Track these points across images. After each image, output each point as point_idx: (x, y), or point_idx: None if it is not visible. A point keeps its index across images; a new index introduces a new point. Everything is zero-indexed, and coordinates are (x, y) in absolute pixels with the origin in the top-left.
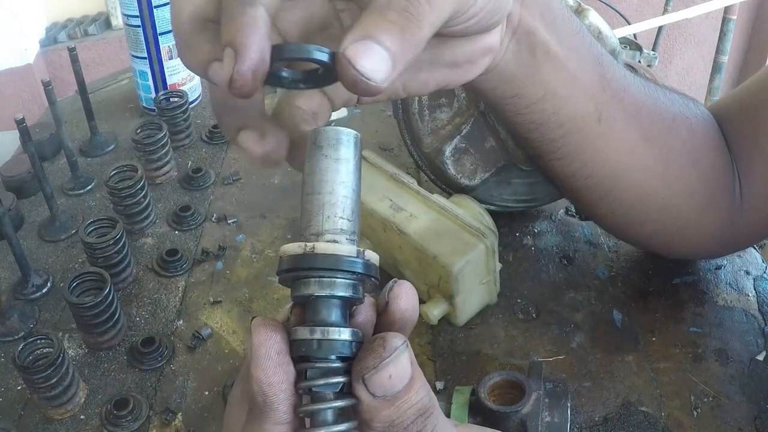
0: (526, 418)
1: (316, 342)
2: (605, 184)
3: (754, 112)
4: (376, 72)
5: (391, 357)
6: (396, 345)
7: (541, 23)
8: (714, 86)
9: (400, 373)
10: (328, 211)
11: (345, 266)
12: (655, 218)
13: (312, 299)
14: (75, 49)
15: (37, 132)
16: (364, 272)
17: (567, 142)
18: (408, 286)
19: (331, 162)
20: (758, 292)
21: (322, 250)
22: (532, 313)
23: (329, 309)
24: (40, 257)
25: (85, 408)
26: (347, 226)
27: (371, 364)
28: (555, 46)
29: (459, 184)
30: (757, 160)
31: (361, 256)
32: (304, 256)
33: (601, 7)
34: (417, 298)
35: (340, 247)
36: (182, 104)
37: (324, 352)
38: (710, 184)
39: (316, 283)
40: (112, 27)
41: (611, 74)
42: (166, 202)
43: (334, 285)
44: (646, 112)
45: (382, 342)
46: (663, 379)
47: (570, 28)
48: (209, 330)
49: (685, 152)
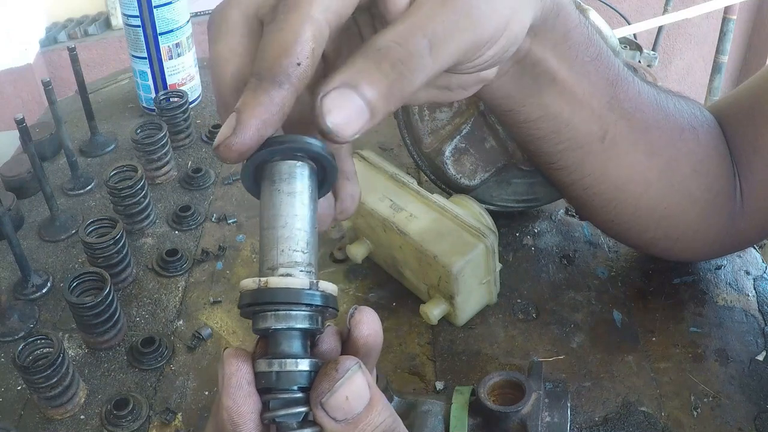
0: (526, 418)
1: (275, 374)
2: (605, 195)
3: (754, 113)
4: (347, 128)
5: (344, 378)
6: (348, 366)
7: (552, 53)
8: (714, 86)
9: (357, 394)
10: (282, 245)
11: (298, 299)
12: (656, 226)
13: (270, 332)
14: (75, 49)
15: (37, 132)
16: (318, 304)
17: (566, 156)
18: (369, 311)
19: (283, 196)
20: (758, 292)
21: (274, 285)
22: (532, 313)
23: (288, 341)
24: (40, 257)
25: (85, 408)
26: (302, 258)
27: (326, 387)
28: (564, 73)
29: (459, 184)
30: (756, 161)
31: (315, 287)
32: (258, 291)
33: (601, 7)
34: (379, 323)
35: (293, 280)
36: (182, 104)
37: (283, 383)
38: (712, 190)
39: (272, 317)
40: (112, 27)
41: (624, 95)
42: (166, 202)
43: (289, 318)
44: (654, 127)
45: (334, 365)
46: (663, 379)
47: (588, 53)
48: (209, 330)
49: (690, 163)
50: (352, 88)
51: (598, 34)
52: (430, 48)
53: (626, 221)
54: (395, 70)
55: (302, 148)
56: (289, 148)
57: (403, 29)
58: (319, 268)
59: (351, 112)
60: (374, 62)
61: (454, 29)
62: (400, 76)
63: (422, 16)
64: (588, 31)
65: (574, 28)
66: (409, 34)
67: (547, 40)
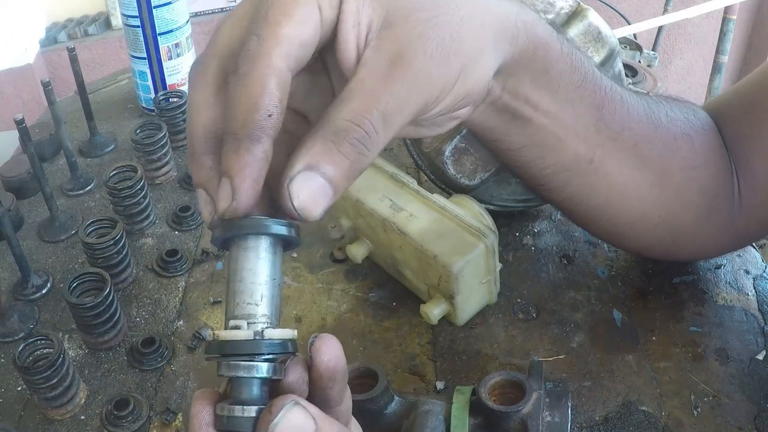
0: (526, 417)
1: (226, 419)
2: (597, 210)
3: (752, 110)
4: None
5: (279, 417)
6: (281, 405)
7: (531, 86)
8: (714, 86)
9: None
10: (237, 298)
11: (245, 350)
12: (652, 234)
13: (229, 379)
14: (74, 50)
15: (36, 132)
16: (267, 352)
17: (554, 179)
18: (329, 338)
19: (240, 251)
20: (758, 292)
21: (223, 338)
22: (532, 313)
23: (241, 387)
24: (39, 258)
25: (86, 408)
26: (255, 310)
27: (263, 429)
28: (546, 103)
29: (459, 184)
30: (756, 159)
31: (259, 336)
32: (211, 343)
33: (601, 7)
34: (339, 347)
35: (239, 333)
36: (182, 104)
37: (233, 427)
38: (708, 194)
39: (224, 366)
40: (112, 27)
41: (611, 115)
42: (165, 202)
43: (239, 367)
44: (644, 142)
45: (269, 407)
46: (663, 378)
47: (573, 81)
48: (209, 330)
49: (684, 170)
50: (314, 170)
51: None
52: (383, 122)
53: (620, 231)
54: (354, 150)
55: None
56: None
57: (357, 107)
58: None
59: (316, 193)
60: (334, 144)
61: (403, 101)
62: (359, 155)
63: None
64: (572, 59)
65: (555, 60)
66: (364, 112)
67: (525, 77)
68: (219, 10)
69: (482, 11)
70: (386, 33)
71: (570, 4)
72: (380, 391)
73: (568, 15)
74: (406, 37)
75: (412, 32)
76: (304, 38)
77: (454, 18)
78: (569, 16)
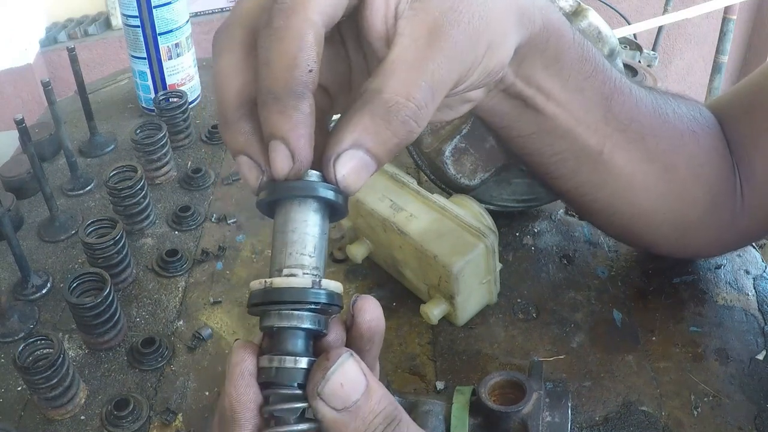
0: (526, 417)
1: (275, 370)
2: (603, 201)
3: (754, 110)
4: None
5: (336, 365)
6: (338, 354)
7: (544, 74)
8: (714, 86)
9: (352, 381)
10: (290, 248)
11: (300, 297)
12: (656, 229)
13: (274, 330)
14: (74, 50)
15: (36, 132)
16: (320, 301)
17: (562, 167)
18: (371, 299)
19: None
20: (758, 292)
21: (278, 285)
22: (532, 313)
23: (289, 339)
24: (39, 258)
25: (86, 409)
26: (308, 261)
27: (320, 377)
28: (557, 92)
29: (459, 184)
30: (757, 158)
31: (317, 286)
32: (264, 291)
33: (601, 7)
34: (380, 309)
35: (295, 280)
36: (181, 104)
37: (282, 379)
38: (712, 191)
39: (276, 315)
40: (112, 27)
41: (620, 107)
42: (165, 202)
43: (292, 317)
44: (652, 135)
45: (325, 356)
46: (663, 378)
47: (583, 71)
48: (209, 330)
49: (689, 167)
50: (361, 147)
51: (594, 47)
52: (432, 95)
53: (625, 225)
54: (404, 128)
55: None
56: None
57: (406, 78)
58: None
59: (359, 168)
60: (384, 121)
61: (447, 72)
62: (408, 132)
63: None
64: (583, 49)
65: (567, 48)
66: (413, 84)
67: (538, 63)
68: (219, 10)
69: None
70: (419, 4)
71: (570, 4)
72: None
73: (568, 15)
74: (440, 9)
75: (444, 4)
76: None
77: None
78: (569, 16)
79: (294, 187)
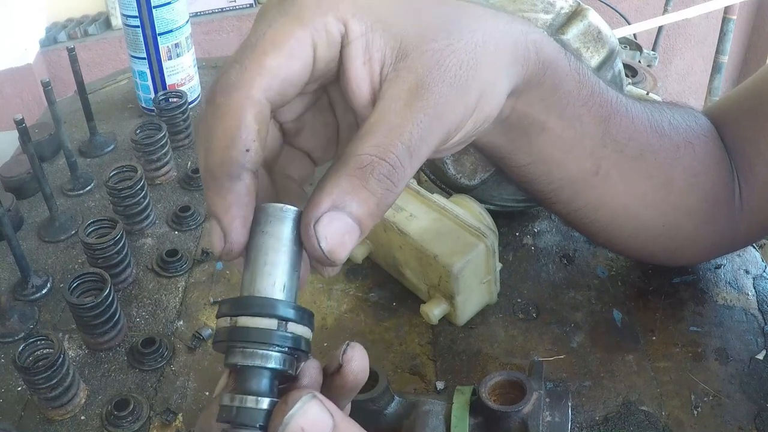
0: (527, 417)
1: (235, 409)
2: (602, 221)
3: (754, 114)
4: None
5: (295, 408)
6: (298, 396)
7: (540, 106)
8: (714, 86)
9: (315, 422)
10: (258, 284)
11: (265, 339)
12: (654, 242)
13: (237, 368)
14: (74, 50)
15: (36, 132)
16: (286, 345)
17: (560, 193)
18: (360, 348)
19: (265, 237)
20: (758, 291)
21: (242, 324)
22: (532, 313)
23: (253, 378)
24: (39, 258)
25: (86, 409)
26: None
27: (278, 421)
28: (554, 121)
29: (459, 184)
30: (758, 162)
31: (282, 328)
32: (228, 329)
33: (601, 7)
34: (368, 359)
35: (261, 320)
36: (181, 104)
37: (242, 419)
38: (710, 200)
39: (239, 354)
40: (112, 27)
41: (617, 127)
42: (165, 202)
43: (255, 356)
44: (649, 152)
45: (285, 398)
46: (663, 378)
47: (580, 97)
48: (209, 330)
49: (686, 178)
50: (340, 209)
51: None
52: (409, 154)
53: (624, 241)
54: (381, 186)
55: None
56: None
57: (381, 140)
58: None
59: (343, 233)
60: (359, 180)
61: (427, 130)
62: (386, 191)
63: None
64: (579, 74)
65: (563, 78)
66: (388, 145)
67: (534, 97)
68: (219, 10)
69: (496, 35)
70: (403, 65)
71: (570, 4)
72: (381, 392)
73: (568, 15)
74: (424, 67)
75: (430, 61)
76: (289, 73)
77: (469, 45)
78: (569, 16)
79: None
